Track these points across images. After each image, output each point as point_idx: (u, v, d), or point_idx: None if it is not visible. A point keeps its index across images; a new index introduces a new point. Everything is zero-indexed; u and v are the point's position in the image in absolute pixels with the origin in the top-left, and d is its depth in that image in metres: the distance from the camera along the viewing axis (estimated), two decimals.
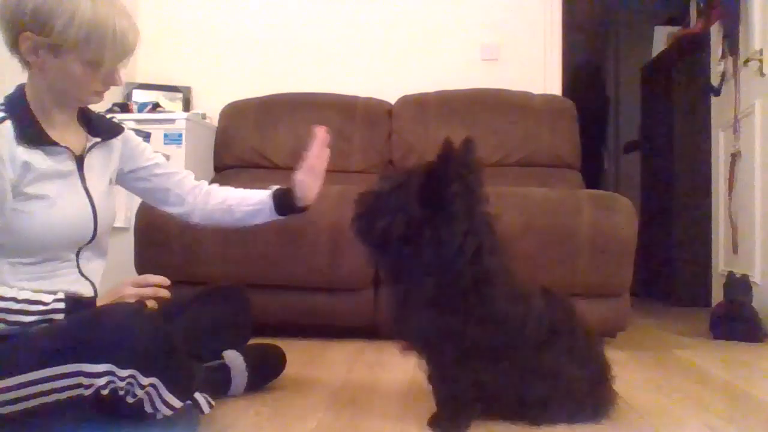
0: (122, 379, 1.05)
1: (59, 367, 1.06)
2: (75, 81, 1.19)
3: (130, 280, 1.32)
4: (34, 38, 1.14)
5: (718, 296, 3.03)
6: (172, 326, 1.36)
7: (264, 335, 1.79)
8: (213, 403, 1.19)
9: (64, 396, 1.06)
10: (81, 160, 1.29)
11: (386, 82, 3.39)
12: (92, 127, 1.34)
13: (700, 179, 3.55)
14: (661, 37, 4.21)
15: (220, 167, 3.19)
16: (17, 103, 1.20)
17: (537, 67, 3.43)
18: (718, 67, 3.22)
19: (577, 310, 1.38)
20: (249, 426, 1.29)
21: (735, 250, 2.99)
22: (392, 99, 3.23)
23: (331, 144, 1.56)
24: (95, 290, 1.32)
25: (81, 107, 1.33)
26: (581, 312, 1.39)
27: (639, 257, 2.21)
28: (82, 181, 1.28)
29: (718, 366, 1.99)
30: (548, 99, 3.18)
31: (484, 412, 1.30)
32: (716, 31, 3.27)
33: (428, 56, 3.48)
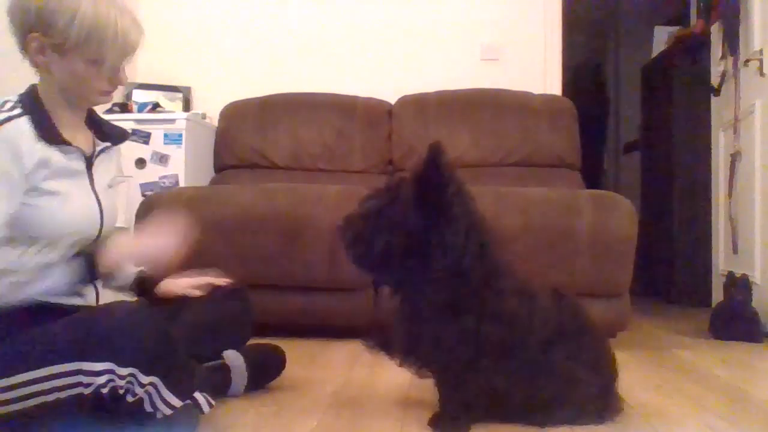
0: (122, 377, 1.05)
1: (59, 365, 1.06)
2: (80, 79, 1.22)
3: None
4: (40, 38, 1.17)
5: (718, 296, 3.03)
6: (173, 326, 1.36)
7: (264, 335, 1.79)
8: (213, 402, 1.19)
9: (64, 395, 1.06)
10: (90, 162, 1.31)
11: (386, 82, 3.39)
12: (102, 131, 1.36)
13: (700, 179, 3.55)
14: (661, 37, 4.21)
15: (220, 167, 3.19)
16: (32, 101, 1.22)
17: (537, 67, 3.43)
18: (718, 67, 3.22)
19: (587, 312, 1.37)
20: (249, 426, 1.29)
21: (735, 250, 2.99)
22: (392, 99, 3.23)
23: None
24: (97, 292, 1.33)
25: (89, 111, 1.35)
26: (591, 315, 1.38)
27: (639, 257, 2.21)
28: (91, 181, 1.30)
29: (718, 366, 1.99)
30: (548, 99, 3.18)
31: (489, 413, 1.30)
32: (716, 31, 3.27)
33: (428, 56, 3.48)
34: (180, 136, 2.95)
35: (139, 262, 1.42)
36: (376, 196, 1.25)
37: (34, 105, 1.21)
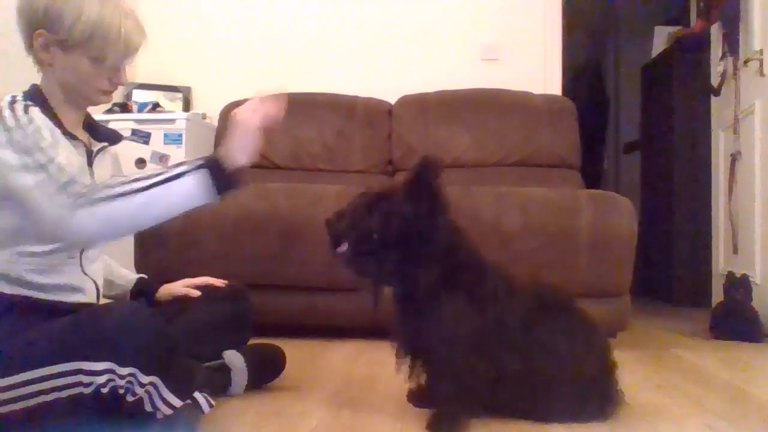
0: (122, 377, 1.05)
1: (59, 365, 1.06)
2: (82, 77, 1.26)
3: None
4: (46, 35, 1.21)
5: (718, 296, 3.03)
6: (173, 326, 1.37)
7: (264, 335, 1.79)
8: (213, 402, 1.19)
9: (64, 394, 1.06)
10: (90, 160, 1.33)
11: (386, 82, 3.39)
12: (96, 133, 1.39)
13: (700, 179, 3.55)
14: (661, 37, 4.22)
15: None
16: (36, 97, 1.25)
17: (537, 67, 3.43)
18: (718, 67, 3.23)
19: (568, 294, 1.42)
20: (249, 426, 1.29)
21: (735, 250, 2.99)
22: (392, 99, 3.23)
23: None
24: (98, 289, 1.34)
25: (85, 115, 1.37)
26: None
27: (639, 257, 2.21)
28: (92, 177, 1.31)
29: (718, 366, 1.99)
30: (548, 99, 3.18)
31: (489, 405, 1.31)
32: (716, 31, 3.27)
33: (428, 56, 3.48)
34: (180, 136, 2.95)
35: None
36: (367, 195, 1.32)
37: (40, 101, 1.24)
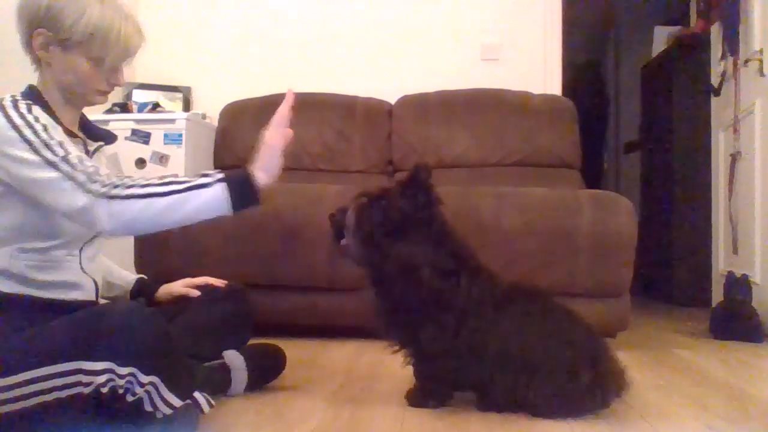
0: (122, 377, 1.05)
1: (58, 365, 1.06)
2: (81, 77, 1.27)
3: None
4: (46, 34, 1.23)
5: (718, 296, 3.03)
6: (172, 326, 1.37)
7: (264, 335, 1.79)
8: (213, 402, 1.19)
9: (63, 394, 1.06)
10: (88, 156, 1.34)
11: (386, 82, 3.39)
12: (91, 133, 1.41)
13: (700, 179, 3.55)
14: (661, 37, 4.21)
15: (220, 167, 3.18)
16: (34, 97, 1.26)
17: (537, 67, 3.43)
18: (718, 67, 3.23)
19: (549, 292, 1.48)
20: (249, 426, 1.29)
21: (735, 250, 2.99)
22: (392, 99, 3.23)
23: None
24: (97, 288, 1.34)
25: (80, 116, 1.38)
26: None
27: (639, 257, 2.21)
28: None
29: (718, 366, 2.00)
30: (548, 99, 3.18)
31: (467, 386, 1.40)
32: (716, 31, 3.27)
33: (428, 56, 3.48)
34: (180, 136, 2.95)
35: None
36: (366, 193, 1.42)
37: (38, 100, 1.25)
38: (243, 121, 3.16)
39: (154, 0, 3.56)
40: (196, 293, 1.59)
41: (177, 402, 1.10)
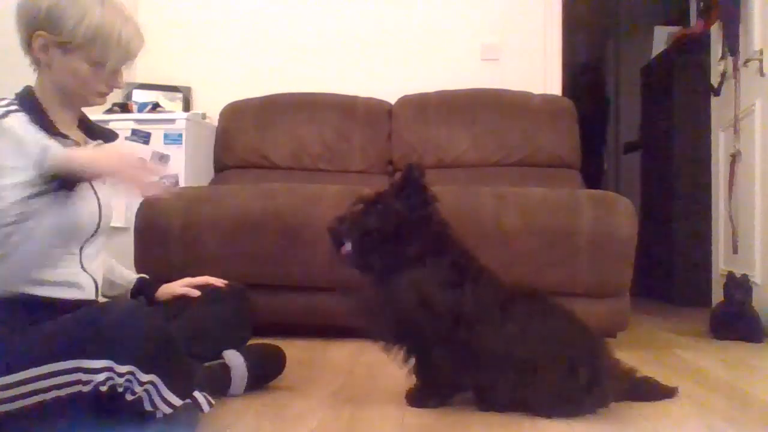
0: (121, 375, 1.05)
1: (58, 363, 1.06)
2: (80, 79, 1.27)
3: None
4: (46, 36, 1.23)
5: (718, 296, 3.03)
6: (172, 326, 1.37)
7: (264, 335, 1.79)
8: (213, 402, 1.19)
9: (63, 393, 1.06)
10: None
11: (386, 82, 3.39)
12: (91, 132, 1.41)
13: (700, 179, 3.54)
14: (661, 37, 4.21)
15: (220, 167, 3.19)
16: (27, 99, 1.27)
17: (537, 67, 3.43)
18: (718, 67, 3.22)
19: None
20: (249, 426, 1.29)
21: (735, 250, 2.98)
22: (392, 99, 3.23)
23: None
24: (97, 286, 1.34)
25: (80, 114, 1.39)
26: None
27: (639, 257, 2.21)
28: None
29: (718, 366, 2.00)
30: (548, 99, 3.18)
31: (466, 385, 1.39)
32: (716, 31, 3.27)
33: (428, 56, 3.48)
34: (180, 136, 2.95)
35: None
36: (362, 199, 1.43)
37: (30, 103, 1.26)
38: (243, 121, 3.16)
39: (154, 0, 3.56)
40: (196, 293, 1.58)
41: (177, 401, 1.09)
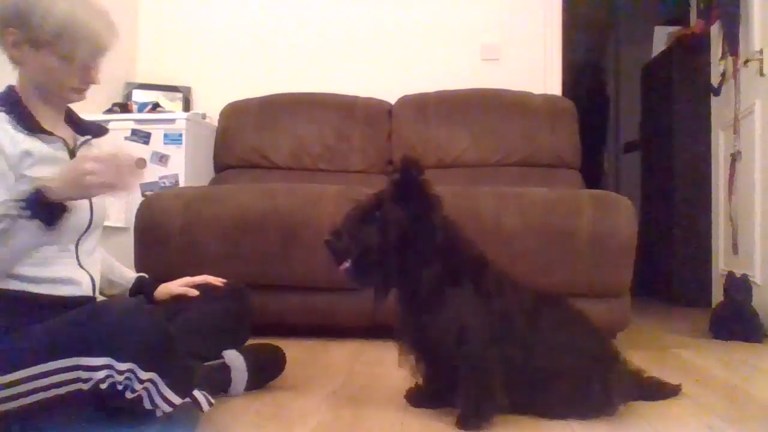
0: (121, 373, 1.05)
1: (58, 361, 1.06)
2: (51, 75, 1.27)
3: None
4: (16, 33, 1.23)
5: (718, 296, 3.03)
6: (172, 325, 1.37)
7: (264, 335, 1.79)
8: (213, 401, 1.19)
9: (63, 391, 1.07)
10: (72, 153, 1.34)
11: (386, 82, 3.39)
12: (79, 127, 1.41)
13: (700, 179, 3.55)
14: (661, 37, 4.21)
15: (220, 167, 3.19)
16: (9, 97, 1.27)
17: (537, 67, 3.43)
18: (718, 67, 3.22)
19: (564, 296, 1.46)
20: (249, 426, 1.29)
21: (735, 250, 2.99)
22: (392, 99, 3.23)
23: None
24: (94, 283, 1.34)
25: (67, 111, 1.39)
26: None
27: (639, 257, 2.21)
28: None
29: (718, 366, 2.00)
30: (548, 99, 3.18)
31: (511, 400, 1.31)
32: (716, 31, 3.27)
33: (428, 56, 3.48)
34: (180, 136, 2.94)
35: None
36: (359, 207, 1.34)
37: (12, 101, 1.26)
38: (243, 121, 3.16)
39: (155, 1, 3.56)
40: (195, 292, 1.58)
41: (176, 399, 1.09)
